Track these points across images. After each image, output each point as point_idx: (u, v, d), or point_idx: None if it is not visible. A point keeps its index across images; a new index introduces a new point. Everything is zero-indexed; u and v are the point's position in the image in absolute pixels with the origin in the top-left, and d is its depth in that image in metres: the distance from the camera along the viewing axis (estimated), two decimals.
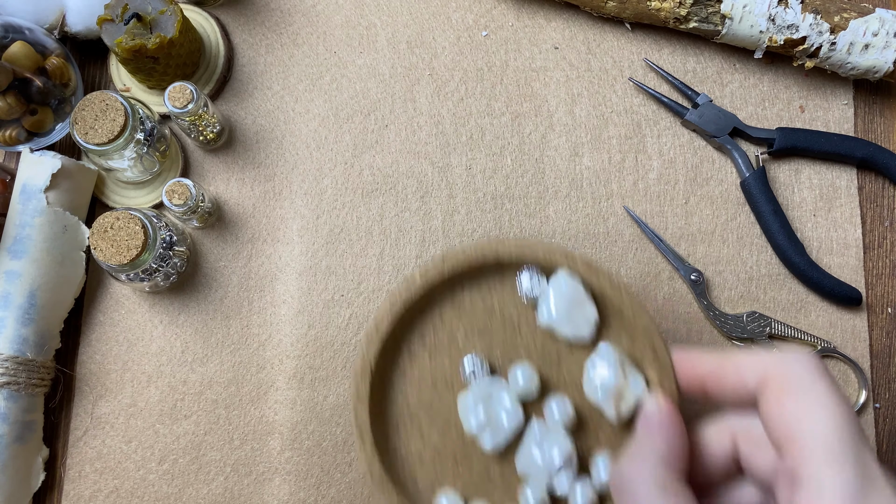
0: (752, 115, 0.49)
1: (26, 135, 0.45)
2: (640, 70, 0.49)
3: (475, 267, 0.36)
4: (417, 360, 0.36)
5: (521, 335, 0.36)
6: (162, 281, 0.44)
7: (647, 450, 0.30)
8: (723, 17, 0.46)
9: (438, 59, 0.49)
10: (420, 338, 0.36)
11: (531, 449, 0.34)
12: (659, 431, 0.30)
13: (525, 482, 0.35)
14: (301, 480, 0.44)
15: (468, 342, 0.36)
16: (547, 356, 0.36)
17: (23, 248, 0.42)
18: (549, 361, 0.36)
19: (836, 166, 0.48)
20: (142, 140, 0.43)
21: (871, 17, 0.45)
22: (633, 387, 0.34)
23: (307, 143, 0.48)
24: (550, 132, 0.48)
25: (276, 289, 0.46)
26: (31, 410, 0.43)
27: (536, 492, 0.34)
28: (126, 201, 0.46)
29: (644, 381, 0.34)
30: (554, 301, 0.35)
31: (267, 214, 0.47)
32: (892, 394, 0.46)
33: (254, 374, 0.45)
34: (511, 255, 0.35)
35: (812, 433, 0.25)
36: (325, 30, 0.49)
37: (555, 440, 0.34)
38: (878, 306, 0.47)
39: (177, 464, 0.44)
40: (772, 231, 0.46)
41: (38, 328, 0.43)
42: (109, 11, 0.43)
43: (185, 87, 0.42)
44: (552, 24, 0.50)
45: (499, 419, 0.34)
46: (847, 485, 0.24)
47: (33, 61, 0.44)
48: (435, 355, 0.36)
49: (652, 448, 0.29)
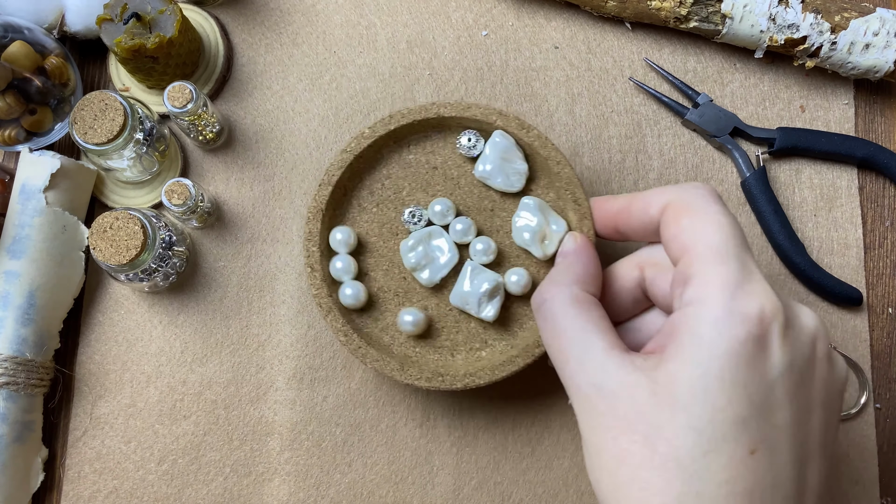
0: (752, 114, 0.49)
1: (25, 134, 0.45)
2: (641, 70, 0.49)
3: (419, 126, 0.42)
4: (366, 212, 0.42)
5: (460, 188, 0.42)
6: (161, 281, 0.44)
7: (562, 273, 0.34)
8: (723, 16, 0.46)
9: (438, 59, 0.49)
10: (369, 193, 0.42)
11: (463, 283, 0.41)
12: (574, 258, 0.35)
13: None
14: (301, 481, 0.44)
15: (412, 196, 0.42)
16: (482, 207, 0.42)
17: (22, 248, 0.42)
18: (484, 211, 0.42)
19: (836, 166, 0.48)
20: (141, 140, 0.43)
21: (872, 17, 0.45)
22: (557, 230, 0.40)
23: (307, 143, 0.48)
24: (550, 132, 0.48)
25: (275, 289, 0.46)
26: (30, 410, 0.42)
27: None
28: (125, 201, 0.46)
29: (566, 225, 0.40)
30: (489, 155, 0.41)
31: (267, 214, 0.47)
32: (893, 394, 0.46)
33: (253, 374, 0.45)
34: (451, 114, 0.41)
35: (702, 240, 0.29)
36: (325, 29, 0.49)
37: (484, 275, 0.40)
38: (879, 306, 0.47)
39: (176, 464, 0.44)
40: (772, 231, 0.46)
41: (38, 328, 0.42)
42: (109, 11, 0.43)
43: (185, 86, 0.42)
44: (552, 23, 0.49)
45: (436, 258, 0.41)
46: (729, 275, 0.28)
47: (32, 61, 0.44)
48: (382, 207, 0.42)
49: (567, 271, 0.34)
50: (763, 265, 0.47)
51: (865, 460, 0.45)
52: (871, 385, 0.46)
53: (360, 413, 0.45)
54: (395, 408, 0.45)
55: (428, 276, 0.41)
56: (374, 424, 0.45)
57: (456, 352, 0.42)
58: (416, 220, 0.41)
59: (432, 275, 0.41)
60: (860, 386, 0.46)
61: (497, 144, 0.41)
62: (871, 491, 0.45)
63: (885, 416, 0.46)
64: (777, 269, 0.47)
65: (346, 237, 0.41)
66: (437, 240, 0.41)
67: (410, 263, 0.41)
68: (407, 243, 0.41)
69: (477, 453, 0.45)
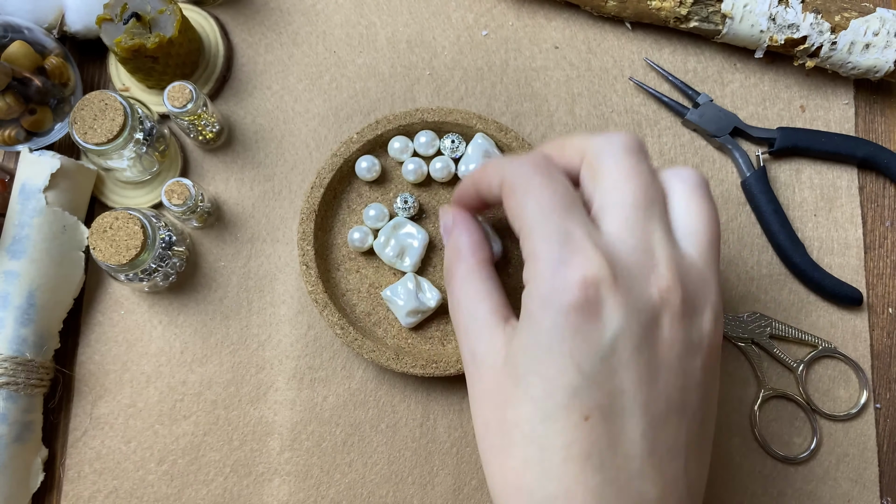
0: (752, 114, 0.49)
1: (25, 134, 0.45)
2: (641, 70, 0.49)
3: (405, 131, 0.45)
4: (356, 213, 0.45)
5: (444, 188, 0.46)
6: (161, 281, 0.44)
7: (452, 250, 0.36)
8: (723, 16, 0.46)
9: (438, 59, 0.49)
10: (358, 195, 0.45)
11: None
12: (457, 232, 0.37)
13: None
14: (301, 481, 0.44)
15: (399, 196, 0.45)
16: None
17: (22, 248, 0.42)
18: None
19: (836, 166, 0.48)
20: (141, 140, 0.42)
21: (872, 17, 0.45)
22: None
23: (307, 143, 0.48)
24: (551, 132, 0.48)
25: (275, 289, 0.46)
26: (30, 411, 0.42)
27: None
28: (125, 201, 0.46)
29: None
30: (471, 155, 0.44)
31: (266, 214, 0.47)
32: (893, 394, 0.46)
33: (253, 374, 0.45)
34: (434, 118, 0.44)
35: (526, 218, 0.30)
36: (325, 29, 0.49)
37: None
38: (879, 306, 0.47)
39: (176, 464, 0.44)
40: (772, 231, 0.46)
41: (37, 328, 0.42)
42: (108, 11, 0.43)
43: (185, 86, 0.42)
44: (552, 23, 0.49)
45: (409, 245, 0.44)
46: (551, 249, 0.29)
47: (32, 61, 0.44)
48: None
49: (456, 247, 0.36)
50: (763, 265, 0.47)
51: (865, 460, 0.45)
52: (871, 385, 0.46)
53: (360, 413, 0.45)
54: (395, 408, 0.45)
55: (409, 262, 0.44)
56: (374, 424, 0.45)
57: (446, 341, 0.44)
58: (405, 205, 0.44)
59: (412, 259, 0.44)
60: (860, 386, 0.46)
61: (479, 146, 0.44)
62: (871, 491, 0.45)
63: (885, 416, 0.46)
64: (777, 269, 0.47)
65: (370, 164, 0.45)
66: (404, 228, 0.44)
67: (389, 258, 0.44)
68: (379, 241, 0.44)
69: (477, 453, 0.45)
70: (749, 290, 0.47)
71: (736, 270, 0.47)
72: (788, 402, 0.45)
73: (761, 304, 0.46)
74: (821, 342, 0.46)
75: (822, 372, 0.46)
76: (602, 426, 0.27)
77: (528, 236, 0.29)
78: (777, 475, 0.45)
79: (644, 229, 0.29)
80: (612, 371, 0.27)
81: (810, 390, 0.46)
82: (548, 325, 0.28)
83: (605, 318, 0.27)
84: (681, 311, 0.29)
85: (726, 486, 0.44)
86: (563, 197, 0.29)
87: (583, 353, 0.27)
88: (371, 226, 0.44)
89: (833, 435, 0.45)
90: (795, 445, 0.45)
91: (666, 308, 0.28)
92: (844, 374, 0.46)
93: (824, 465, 0.45)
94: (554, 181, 0.30)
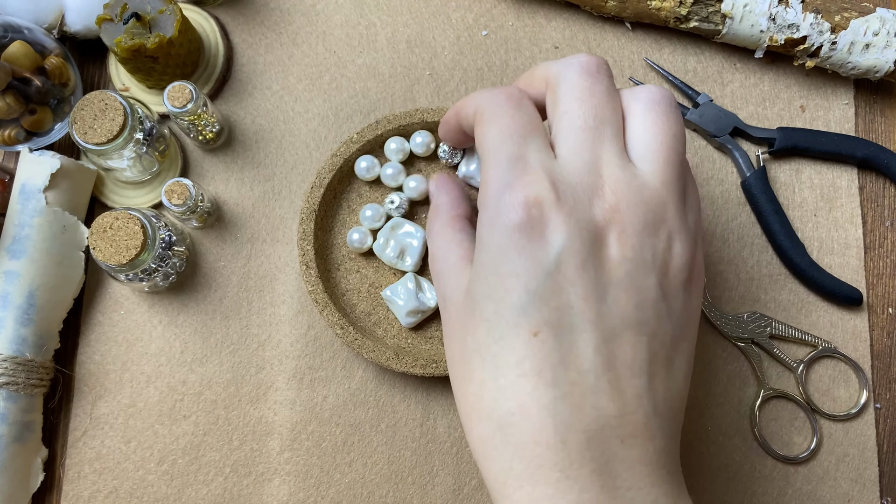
0: (752, 114, 0.49)
1: (25, 134, 0.45)
2: (641, 70, 0.49)
3: (405, 131, 0.45)
4: (355, 213, 0.45)
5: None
6: (161, 281, 0.44)
7: (434, 208, 0.38)
8: (723, 16, 0.46)
9: (438, 59, 0.49)
10: (358, 195, 0.45)
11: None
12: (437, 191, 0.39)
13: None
14: (300, 481, 0.44)
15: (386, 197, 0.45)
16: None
17: (22, 248, 0.42)
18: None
19: (836, 166, 0.48)
20: (141, 140, 0.42)
21: (872, 17, 0.45)
22: None
23: (307, 143, 0.48)
24: None
25: (275, 289, 0.46)
26: (30, 411, 0.42)
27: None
28: (125, 201, 0.46)
29: None
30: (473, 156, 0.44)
31: (266, 214, 0.47)
32: (893, 394, 0.46)
33: (253, 374, 0.45)
34: (434, 119, 0.44)
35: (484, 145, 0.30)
36: (325, 29, 0.49)
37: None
38: (879, 306, 0.47)
39: (176, 464, 0.44)
40: (772, 231, 0.46)
41: (37, 328, 0.42)
42: (108, 11, 0.43)
43: (185, 86, 0.42)
44: (552, 23, 0.49)
45: (409, 245, 0.44)
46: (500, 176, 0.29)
47: (32, 61, 0.44)
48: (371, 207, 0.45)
49: (436, 205, 0.38)
50: (763, 265, 0.47)
51: (865, 460, 0.45)
52: (871, 385, 0.46)
53: (360, 413, 0.45)
54: (395, 408, 0.45)
55: (410, 262, 0.44)
56: (374, 424, 0.45)
57: None
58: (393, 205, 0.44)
59: (413, 259, 0.44)
60: (860, 386, 0.46)
61: None
62: (871, 491, 0.45)
63: (885, 416, 0.46)
64: (777, 269, 0.47)
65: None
66: (402, 228, 0.44)
67: (390, 259, 0.44)
68: (378, 243, 0.44)
69: None
70: (749, 290, 0.47)
71: (736, 270, 0.47)
72: (788, 402, 0.45)
73: (761, 304, 0.46)
74: (821, 342, 0.46)
75: (822, 372, 0.46)
76: (552, 341, 0.28)
77: (483, 163, 0.30)
78: (777, 475, 0.45)
79: (592, 150, 0.29)
80: (557, 287, 0.28)
81: (810, 390, 0.46)
82: (494, 248, 0.29)
83: (548, 237, 0.28)
84: (628, 230, 0.29)
85: (726, 486, 0.44)
86: (524, 125, 0.30)
87: (528, 271, 0.28)
88: (368, 226, 0.44)
89: (833, 435, 0.45)
90: (795, 445, 0.45)
91: (611, 226, 0.28)
92: (844, 374, 0.46)
93: (824, 465, 0.45)
94: (520, 110, 0.30)
